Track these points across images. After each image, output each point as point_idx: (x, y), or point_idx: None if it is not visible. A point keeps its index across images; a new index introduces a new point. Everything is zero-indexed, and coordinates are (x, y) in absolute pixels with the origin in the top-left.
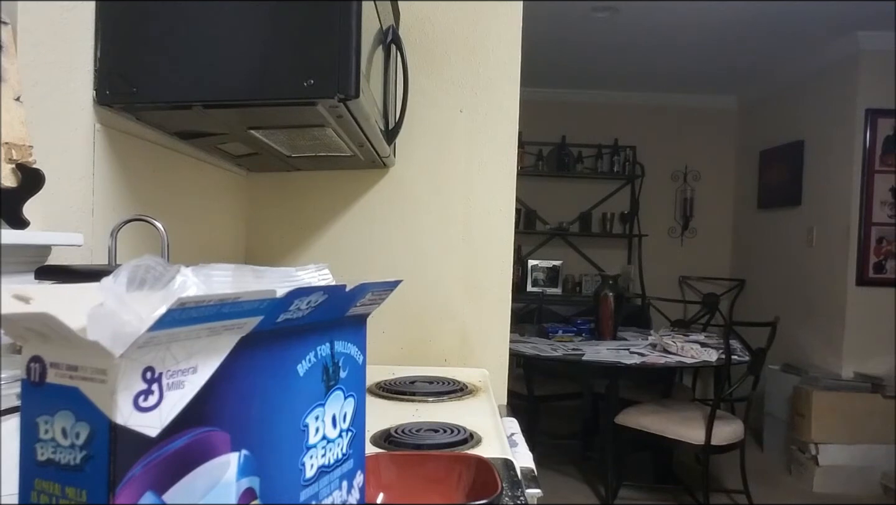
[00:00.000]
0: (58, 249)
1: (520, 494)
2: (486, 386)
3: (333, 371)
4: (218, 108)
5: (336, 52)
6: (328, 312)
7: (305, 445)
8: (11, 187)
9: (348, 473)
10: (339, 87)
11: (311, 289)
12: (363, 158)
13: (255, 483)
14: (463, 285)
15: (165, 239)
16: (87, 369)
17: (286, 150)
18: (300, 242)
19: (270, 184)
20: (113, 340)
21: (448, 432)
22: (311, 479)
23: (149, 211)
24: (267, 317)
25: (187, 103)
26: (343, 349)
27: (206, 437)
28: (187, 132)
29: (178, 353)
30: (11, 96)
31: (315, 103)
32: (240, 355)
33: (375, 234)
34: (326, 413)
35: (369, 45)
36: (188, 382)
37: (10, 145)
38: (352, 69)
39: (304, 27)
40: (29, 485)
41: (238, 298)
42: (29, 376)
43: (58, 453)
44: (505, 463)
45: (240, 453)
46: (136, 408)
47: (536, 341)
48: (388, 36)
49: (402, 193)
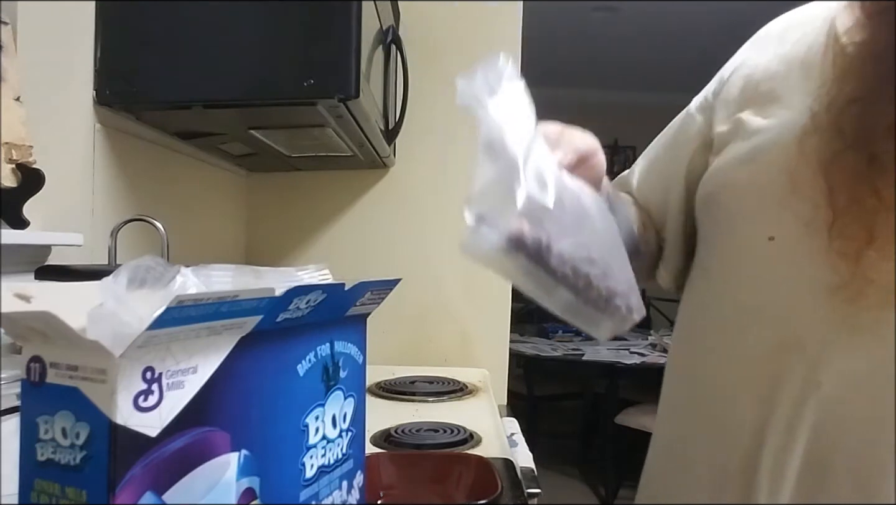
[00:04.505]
0: (58, 249)
1: (520, 494)
2: (486, 386)
3: (333, 371)
4: (218, 108)
5: (336, 52)
6: (328, 312)
7: (305, 445)
8: (11, 187)
9: (348, 473)
10: (339, 87)
11: (310, 287)
12: (363, 158)
13: (255, 483)
14: (463, 285)
15: (165, 239)
16: (87, 369)
17: (286, 150)
18: (300, 242)
19: (270, 184)
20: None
21: (448, 432)
22: (311, 479)
23: (149, 211)
24: (266, 316)
25: (187, 103)
26: (343, 349)
27: (206, 437)
28: (187, 132)
29: (178, 352)
30: (11, 96)
31: (315, 103)
32: (240, 355)
33: (375, 235)
34: (326, 413)
35: (369, 45)
36: (188, 381)
37: (10, 145)
38: (352, 69)
39: (304, 27)
40: (29, 485)
41: (237, 296)
42: (29, 376)
43: (58, 453)
44: (505, 463)
45: (240, 453)
46: (136, 408)
47: (536, 341)
48: (388, 36)
49: (402, 193)
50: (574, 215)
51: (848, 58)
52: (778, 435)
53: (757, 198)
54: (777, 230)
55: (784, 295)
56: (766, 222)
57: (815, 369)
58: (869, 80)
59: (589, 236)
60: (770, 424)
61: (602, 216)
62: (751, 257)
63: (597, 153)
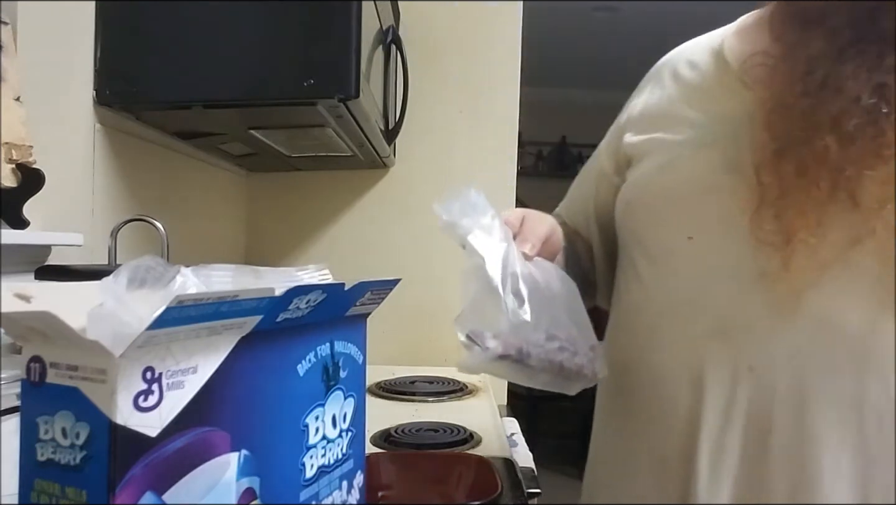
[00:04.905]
0: (58, 249)
1: (520, 494)
2: (486, 386)
3: (333, 371)
4: (218, 108)
5: (336, 52)
6: (328, 312)
7: (305, 445)
8: (11, 187)
9: (348, 473)
10: (339, 87)
11: (309, 287)
12: (363, 158)
13: (255, 483)
14: None
15: (165, 239)
16: (87, 369)
17: (286, 150)
18: (300, 242)
19: (270, 184)
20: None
21: (448, 432)
22: (311, 479)
23: (149, 211)
24: (266, 316)
25: (187, 103)
26: (343, 349)
27: (206, 437)
28: (187, 132)
29: (178, 352)
30: (11, 96)
31: (315, 103)
32: (240, 355)
33: (375, 235)
34: (326, 413)
35: (369, 45)
36: (188, 381)
37: (10, 145)
38: (352, 69)
39: (304, 27)
40: (29, 485)
41: (237, 296)
42: (29, 376)
43: (58, 453)
44: (505, 463)
45: (240, 453)
46: (136, 408)
47: None
48: (388, 36)
49: (402, 193)
50: (545, 303)
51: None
52: (714, 419)
53: (673, 203)
54: (695, 230)
55: (710, 287)
56: (684, 224)
57: (744, 354)
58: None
59: (557, 318)
60: (705, 408)
61: (566, 290)
62: (675, 256)
63: (555, 232)
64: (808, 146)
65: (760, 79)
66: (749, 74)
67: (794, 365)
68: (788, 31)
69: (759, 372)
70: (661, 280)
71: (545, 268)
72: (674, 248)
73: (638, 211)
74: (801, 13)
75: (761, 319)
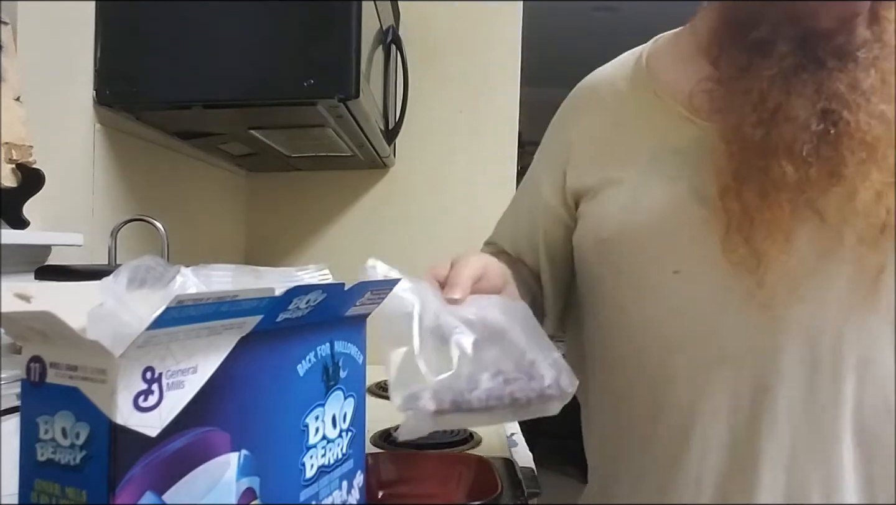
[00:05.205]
0: (58, 249)
1: (520, 494)
2: None
3: (333, 371)
4: (218, 108)
5: (336, 52)
6: (328, 312)
7: (305, 445)
8: (11, 187)
9: (348, 473)
10: (339, 87)
11: (309, 287)
12: (363, 158)
13: (255, 483)
14: None
15: (165, 239)
16: (87, 369)
17: (286, 151)
18: (300, 242)
19: (270, 184)
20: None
21: (448, 432)
22: (311, 479)
23: (149, 211)
24: (266, 316)
25: (187, 103)
26: (343, 349)
27: (206, 437)
28: (187, 132)
29: (178, 352)
30: (11, 96)
31: (315, 103)
32: (240, 355)
33: (375, 235)
34: (326, 413)
35: (369, 45)
36: (188, 381)
37: (10, 145)
38: (352, 69)
39: (304, 27)
40: (29, 485)
41: (237, 296)
42: (29, 376)
43: (58, 453)
44: (505, 463)
45: (240, 453)
46: (136, 408)
47: None
48: (388, 36)
49: (402, 193)
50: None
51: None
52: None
53: (654, 238)
54: (680, 264)
55: (701, 316)
56: (668, 258)
57: (743, 376)
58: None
59: (506, 350)
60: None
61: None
62: (663, 290)
63: (487, 267)
64: (767, 173)
65: (710, 108)
66: (694, 103)
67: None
68: (735, 59)
69: (756, 395)
70: (650, 314)
71: (482, 305)
72: (662, 283)
73: (620, 246)
74: (743, 41)
75: (755, 342)
